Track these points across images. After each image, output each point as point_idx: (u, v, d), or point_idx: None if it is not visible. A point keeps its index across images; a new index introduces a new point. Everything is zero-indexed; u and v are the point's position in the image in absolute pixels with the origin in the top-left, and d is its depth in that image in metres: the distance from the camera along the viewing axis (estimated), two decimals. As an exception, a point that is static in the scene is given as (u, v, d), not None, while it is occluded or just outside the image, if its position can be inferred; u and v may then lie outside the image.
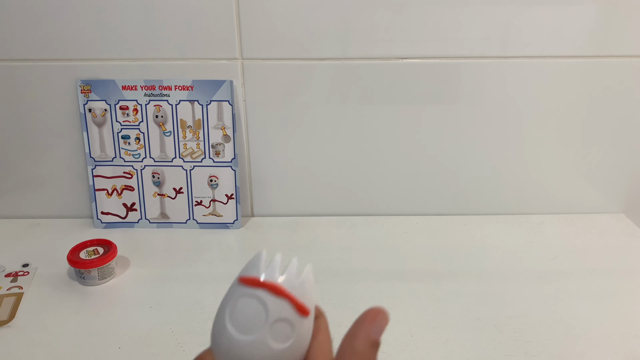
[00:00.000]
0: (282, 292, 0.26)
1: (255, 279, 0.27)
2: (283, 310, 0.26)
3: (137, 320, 0.55)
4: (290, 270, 0.27)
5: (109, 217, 0.74)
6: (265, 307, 0.26)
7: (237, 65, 0.68)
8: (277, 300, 0.26)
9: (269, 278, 0.27)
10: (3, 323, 0.55)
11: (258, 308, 0.27)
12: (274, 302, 0.26)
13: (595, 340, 0.52)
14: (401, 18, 0.65)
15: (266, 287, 0.27)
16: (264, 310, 0.26)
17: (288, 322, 0.27)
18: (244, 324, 0.26)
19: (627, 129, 0.71)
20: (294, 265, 0.28)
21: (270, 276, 0.27)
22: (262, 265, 0.27)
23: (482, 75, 0.68)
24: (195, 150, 0.71)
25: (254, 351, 0.26)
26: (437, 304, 0.57)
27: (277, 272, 0.27)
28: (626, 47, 0.67)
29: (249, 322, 0.26)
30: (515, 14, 0.65)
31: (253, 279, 0.27)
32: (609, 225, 0.74)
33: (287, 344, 0.27)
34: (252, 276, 0.27)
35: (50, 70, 0.68)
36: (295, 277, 0.27)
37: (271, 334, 0.26)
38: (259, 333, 0.26)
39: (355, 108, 0.70)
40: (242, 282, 0.27)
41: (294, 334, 0.27)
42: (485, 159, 0.73)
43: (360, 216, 0.76)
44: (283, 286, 0.27)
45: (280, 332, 0.26)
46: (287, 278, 0.27)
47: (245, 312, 0.27)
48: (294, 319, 0.27)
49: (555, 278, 0.62)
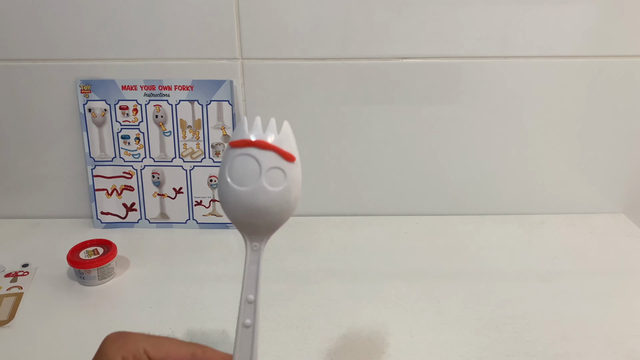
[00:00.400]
0: (269, 146, 0.32)
1: (244, 140, 0.32)
2: (272, 159, 0.32)
3: (137, 320, 0.55)
4: (271, 128, 0.33)
5: (109, 217, 0.74)
6: (257, 161, 0.32)
7: (237, 65, 0.68)
8: (266, 153, 0.32)
9: (255, 137, 0.32)
10: (3, 323, 0.55)
11: (252, 162, 0.32)
12: (263, 155, 0.32)
13: (595, 340, 0.52)
14: (401, 18, 0.65)
15: (254, 144, 0.32)
16: (257, 163, 0.32)
17: (279, 168, 0.32)
18: (242, 178, 0.32)
19: (627, 128, 0.71)
20: (273, 122, 0.33)
21: (256, 135, 0.32)
22: (246, 128, 0.33)
23: (482, 75, 0.68)
24: (195, 150, 0.71)
25: (255, 197, 0.32)
26: (437, 304, 0.57)
27: (260, 131, 0.33)
28: (626, 47, 0.67)
29: (247, 175, 0.32)
30: (515, 14, 0.65)
31: (242, 141, 0.32)
32: (609, 225, 0.74)
33: (281, 186, 0.32)
34: (241, 139, 0.32)
35: (50, 70, 0.68)
36: (277, 132, 0.33)
37: (267, 181, 0.32)
38: (257, 182, 0.32)
39: (355, 108, 0.70)
40: (234, 146, 0.32)
41: (286, 178, 0.32)
42: (485, 159, 0.73)
43: (360, 216, 0.76)
44: (268, 140, 0.32)
45: (274, 178, 0.32)
46: (269, 134, 0.33)
47: (241, 168, 0.32)
48: (283, 165, 0.32)
49: (555, 278, 0.62)
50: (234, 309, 0.56)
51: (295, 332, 0.53)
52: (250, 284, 0.33)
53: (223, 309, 0.57)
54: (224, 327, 0.54)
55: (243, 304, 0.34)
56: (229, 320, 0.55)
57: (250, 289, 0.33)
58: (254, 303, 0.33)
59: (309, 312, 0.56)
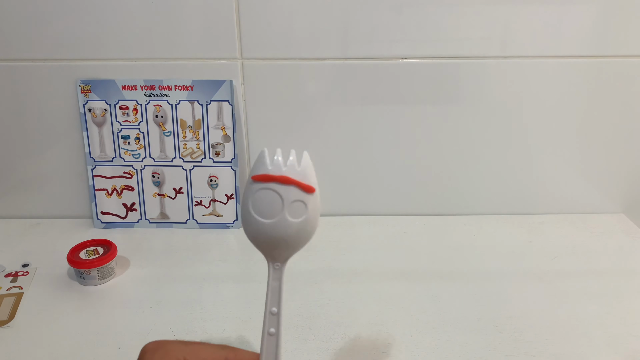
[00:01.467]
0: (291, 181, 0.33)
1: (267, 176, 0.33)
2: (294, 193, 0.34)
3: (137, 320, 0.55)
4: (291, 161, 0.34)
5: (109, 217, 0.74)
6: (280, 195, 0.33)
7: (237, 65, 0.68)
8: (287, 188, 0.33)
9: (276, 172, 0.33)
10: (3, 323, 0.55)
11: (274, 197, 0.34)
12: (285, 190, 0.33)
13: (595, 340, 0.52)
14: (401, 18, 0.65)
15: (276, 179, 0.33)
16: (280, 198, 0.34)
17: (300, 201, 0.34)
18: (266, 211, 0.34)
19: (627, 129, 0.71)
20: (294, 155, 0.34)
21: (277, 170, 0.34)
22: (268, 162, 0.34)
23: (482, 75, 0.68)
24: (195, 150, 0.71)
25: (278, 228, 0.34)
26: (437, 304, 0.57)
27: (281, 165, 0.34)
28: (626, 47, 0.67)
29: (270, 208, 0.34)
30: (515, 14, 0.65)
31: (265, 176, 0.34)
32: (609, 225, 0.74)
33: (303, 217, 0.34)
34: (262, 173, 0.34)
35: (50, 70, 0.68)
36: (297, 165, 0.34)
37: (289, 213, 0.34)
38: (280, 215, 0.34)
39: (355, 108, 0.70)
40: (256, 180, 0.34)
41: (307, 208, 0.34)
42: (485, 159, 0.73)
43: (360, 216, 0.76)
44: (289, 175, 0.33)
45: (295, 210, 0.34)
46: (290, 168, 0.34)
47: (264, 202, 0.34)
48: (304, 197, 0.34)
49: (555, 278, 0.62)
50: (234, 309, 0.56)
51: (295, 332, 0.53)
52: (274, 298, 0.36)
53: (223, 309, 0.57)
54: (224, 327, 0.54)
55: (267, 316, 0.36)
56: (229, 320, 0.55)
57: (273, 303, 0.36)
58: (277, 315, 0.36)
59: (309, 312, 0.56)
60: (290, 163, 0.34)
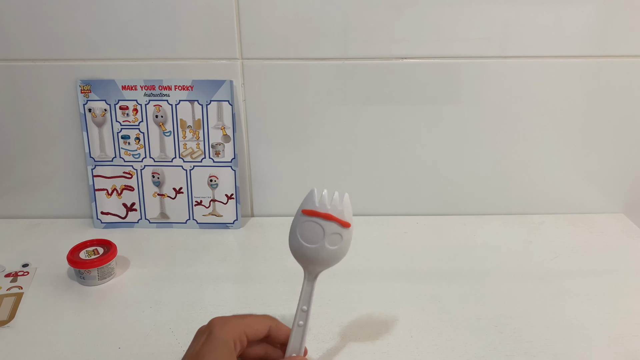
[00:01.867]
0: (332, 217, 0.43)
1: (314, 211, 0.43)
2: (334, 227, 0.43)
3: (137, 320, 0.55)
4: (335, 200, 0.43)
5: (109, 217, 0.74)
6: (322, 228, 0.43)
7: (237, 65, 0.68)
8: (329, 222, 0.43)
9: (322, 209, 0.43)
10: (3, 323, 0.55)
11: (317, 228, 0.43)
12: (327, 224, 0.43)
13: (595, 340, 0.52)
14: (401, 18, 0.65)
15: (321, 215, 0.43)
16: (322, 229, 0.43)
17: (337, 233, 0.43)
18: (310, 238, 0.44)
19: (627, 129, 0.71)
20: (337, 195, 0.44)
21: (322, 208, 0.43)
22: (316, 200, 0.43)
23: (482, 75, 0.68)
24: (195, 150, 0.71)
25: (318, 253, 0.44)
26: (437, 304, 0.57)
27: (326, 203, 0.43)
28: (626, 47, 0.67)
29: (313, 237, 0.43)
30: (515, 14, 0.65)
31: (311, 211, 0.43)
32: (609, 225, 0.74)
33: (338, 246, 0.44)
34: (310, 209, 0.43)
35: (50, 70, 0.68)
36: (339, 204, 0.43)
37: (328, 242, 0.43)
38: (320, 242, 0.43)
39: (355, 108, 0.70)
40: (305, 213, 0.43)
41: (342, 239, 0.44)
42: (485, 159, 0.73)
43: (360, 216, 0.76)
44: (332, 213, 0.43)
45: (333, 240, 0.43)
46: (333, 206, 0.43)
47: (310, 231, 0.43)
48: (341, 231, 0.43)
49: (555, 278, 0.62)
50: (234, 309, 0.56)
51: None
52: (305, 299, 0.45)
53: (223, 309, 0.57)
54: (224, 327, 0.54)
55: (299, 311, 0.45)
56: (229, 320, 0.55)
57: (305, 302, 0.45)
58: (306, 312, 0.45)
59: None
60: (334, 202, 0.43)
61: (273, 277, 0.62)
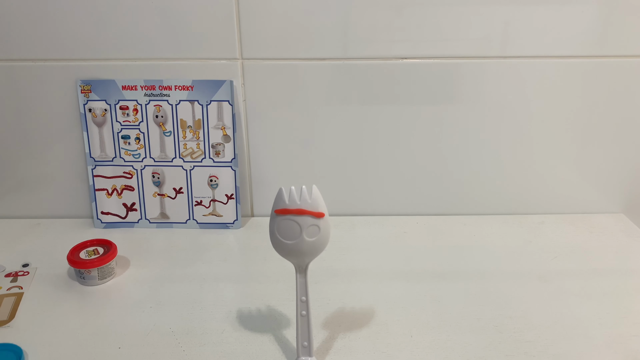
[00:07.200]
0: (304, 212, 0.44)
1: (285, 209, 0.44)
2: (309, 220, 0.45)
3: (137, 320, 0.55)
4: (304, 194, 0.44)
5: (109, 217, 0.74)
6: (297, 223, 0.45)
7: (237, 65, 0.68)
8: (303, 217, 0.44)
9: (293, 206, 0.44)
10: (3, 323, 0.55)
11: (294, 225, 0.45)
12: (301, 219, 0.44)
13: (595, 340, 0.52)
14: (401, 18, 0.65)
15: (293, 212, 0.44)
16: (298, 225, 0.45)
17: (314, 225, 0.45)
18: (288, 235, 0.45)
19: (627, 128, 0.72)
20: (304, 189, 0.44)
21: (293, 204, 0.44)
22: (286, 198, 0.44)
23: (482, 75, 0.68)
24: (195, 150, 0.71)
25: (299, 246, 0.45)
26: (437, 304, 0.57)
27: (296, 199, 0.44)
28: (626, 47, 0.67)
29: (291, 233, 0.45)
30: (515, 14, 0.65)
31: (283, 210, 0.44)
32: (609, 225, 0.74)
33: (317, 236, 0.45)
34: (282, 208, 0.44)
35: (50, 70, 0.68)
36: (308, 197, 0.44)
37: (306, 235, 0.45)
38: (299, 237, 0.45)
39: (355, 108, 0.70)
40: (278, 213, 0.45)
41: (320, 229, 0.45)
42: (485, 159, 0.73)
43: (360, 216, 0.76)
44: (303, 207, 0.44)
45: (311, 232, 0.45)
46: (303, 200, 0.44)
47: (286, 229, 0.45)
48: (316, 222, 0.45)
49: (555, 278, 0.62)
50: (234, 309, 0.56)
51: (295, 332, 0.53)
52: (302, 290, 0.47)
53: (223, 309, 0.57)
54: (224, 327, 0.54)
55: (298, 302, 0.47)
56: (229, 320, 0.55)
57: (302, 293, 0.47)
58: (305, 302, 0.47)
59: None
60: (303, 197, 0.44)
61: (273, 277, 0.62)
